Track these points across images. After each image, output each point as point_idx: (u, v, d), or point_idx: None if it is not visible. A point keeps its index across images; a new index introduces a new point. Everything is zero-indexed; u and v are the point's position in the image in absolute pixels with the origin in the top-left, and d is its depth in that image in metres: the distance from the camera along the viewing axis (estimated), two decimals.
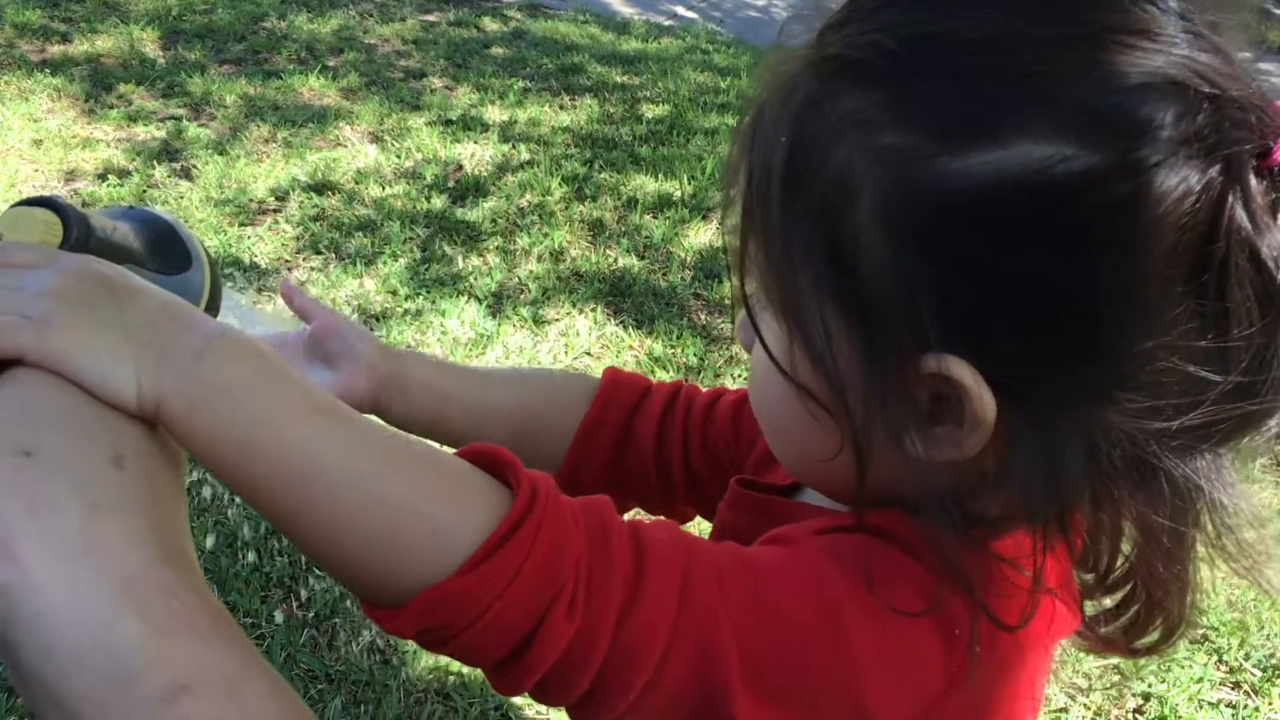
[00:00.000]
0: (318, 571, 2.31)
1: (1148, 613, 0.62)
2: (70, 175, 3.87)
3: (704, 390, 0.91)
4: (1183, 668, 2.29)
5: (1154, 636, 0.63)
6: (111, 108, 4.42)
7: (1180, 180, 0.48)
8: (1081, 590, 0.63)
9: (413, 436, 0.56)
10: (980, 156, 0.49)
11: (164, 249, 0.63)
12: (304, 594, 2.26)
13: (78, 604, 0.40)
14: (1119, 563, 0.60)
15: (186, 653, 0.41)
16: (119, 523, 0.43)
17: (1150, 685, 2.25)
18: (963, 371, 0.51)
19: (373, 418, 0.55)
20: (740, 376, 3.15)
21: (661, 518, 0.60)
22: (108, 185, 3.81)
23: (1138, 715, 2.23)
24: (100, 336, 0.48)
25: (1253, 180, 0.49)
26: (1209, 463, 0.54)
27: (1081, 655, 2.21)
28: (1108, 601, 0.63)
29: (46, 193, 0.52)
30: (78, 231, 0.56)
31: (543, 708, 2.06)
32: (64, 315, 0.47)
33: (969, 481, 0.56)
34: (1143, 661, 0.67)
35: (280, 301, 0.94)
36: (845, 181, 0.52)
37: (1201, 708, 2.23)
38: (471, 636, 0.49)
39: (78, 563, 0.40)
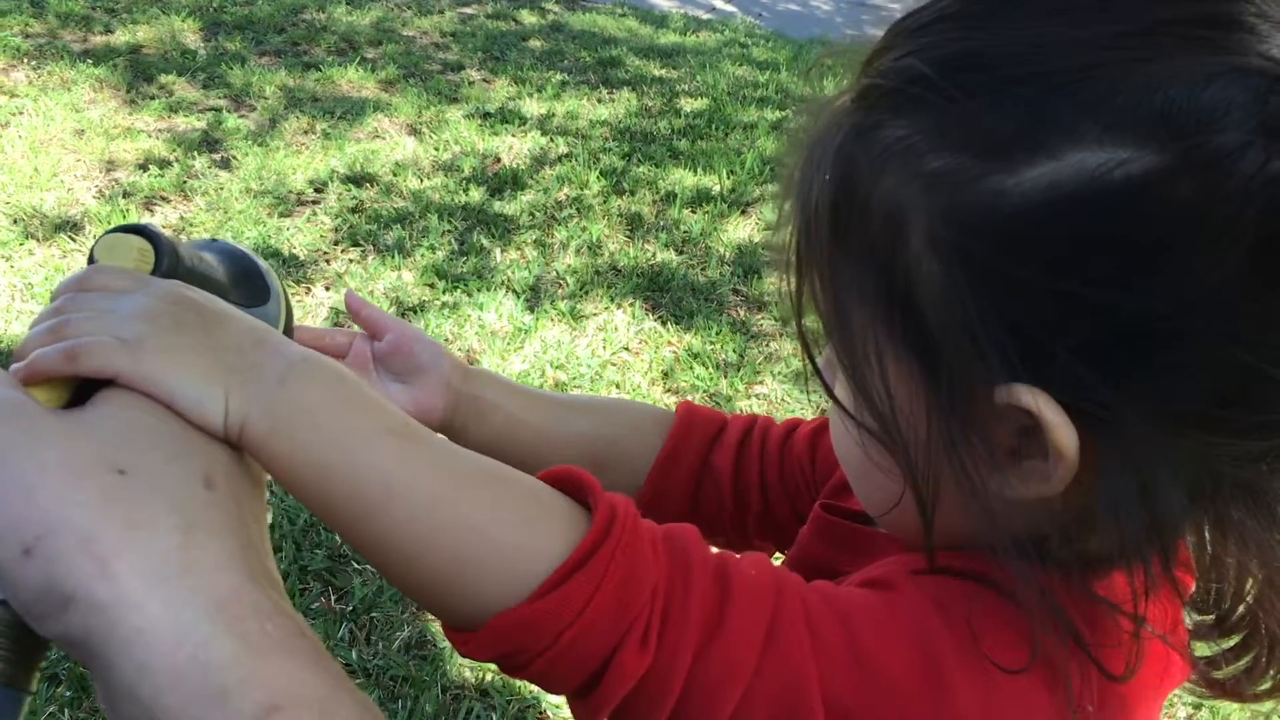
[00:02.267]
0: (356, 565, 2.30)
1: (1270, 655, 0.57)
2: (111, 165, 3.89)
3: (780, 422, 0.89)
4: None
5: (1276, 680, 0.58)
6: (152, 98, 4.44)
7: (1256, 171, 0.43)
8: (1195, 633, 0.59)
9: (489, 458, 0.53)
10: (1031, 171, 0.46)
11: (245, 281, 0.64)
12: (343, 588, 2.25)
13: (174, 622, 0.40)
14: (1239, 602, 0.56)
15: (279, 673, 0.41)
16: (212, 543, 0.44)
17: None
18: (1036, 401, 0.47)
19: (442, 437, 0.53)
20: (779, 373, 3.11)
21: (751, 552, 0.56)
22: (148, 175, 3.82)
23: None
24: (191, 360, 0.48)
25: None
26: None
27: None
28: (1226, 644, 0.58)
29: (135, 221, 0.53)
30: (168, 260, 0.57)
31: None
32: (156, 338, 0.48)
33: (1062, 520, 0.52)
34: (1269, 706, 0.62)
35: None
36: (894, 213, 0.49)
37: None
38: (545, 664, 0.49)
39: (174, 582, 0.41)
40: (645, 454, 0.87)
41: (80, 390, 0.49)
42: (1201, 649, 0.59)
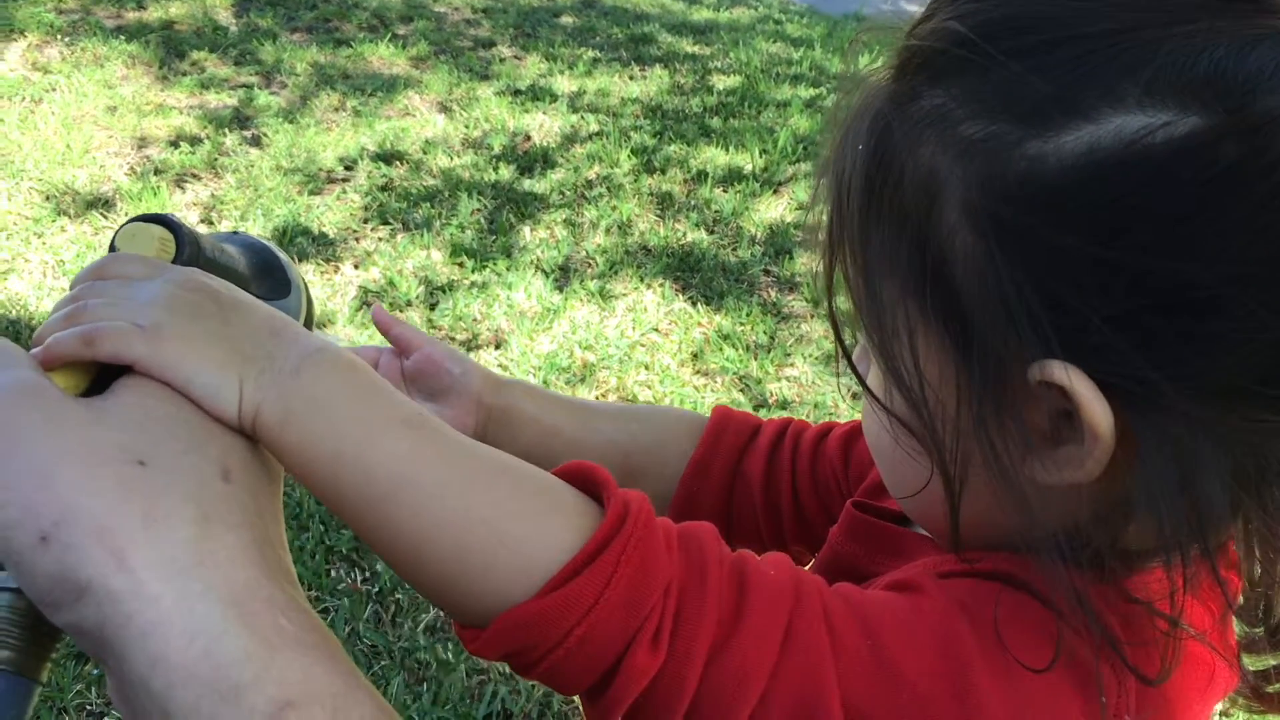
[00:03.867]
0: None
1: None
2: (143, 142, 3.90)
3: (814, 425, 0.87)
4: None
5: None
6: (184, 75, 4.44)
7: None
8: (1245, 646, 0.56)
9: (502, 452, 0.52)
10: (1070, 135, 0.44)
11: (267, 274, 0.64)
12: (369, 569, 2.25)
13: (189, 616, 0.40)
14: None
15: (293, 669, 0.41)
16: (229, 536, 0.43)
17: None
18: (1070, 377, 0.45)
19: (455, 431, 0.52)
20: (810, 355, 3.08)
21: (773, 553, 0.54)
22: (179, 152, 3.82)
23: None
24: (207, 348, 0.48)
25: None
26: None
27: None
28: (1277, 659, 0.55)
29: (163, 204, 0.54)
30: (189, 250, 0.57)
31: None
32: (174, 325, 0.48)
33: (1097, 510, 0.49)
34: None
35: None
36: (928, 182, 0.48)
37: None
38: (555, 662, 0.47)
39: (190, 575, 0.41)
40: (678, 460, 0.86)
41: (98, 379, 0.48)
42: (1254, 663, 0.56)
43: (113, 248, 0.56)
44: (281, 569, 0.45)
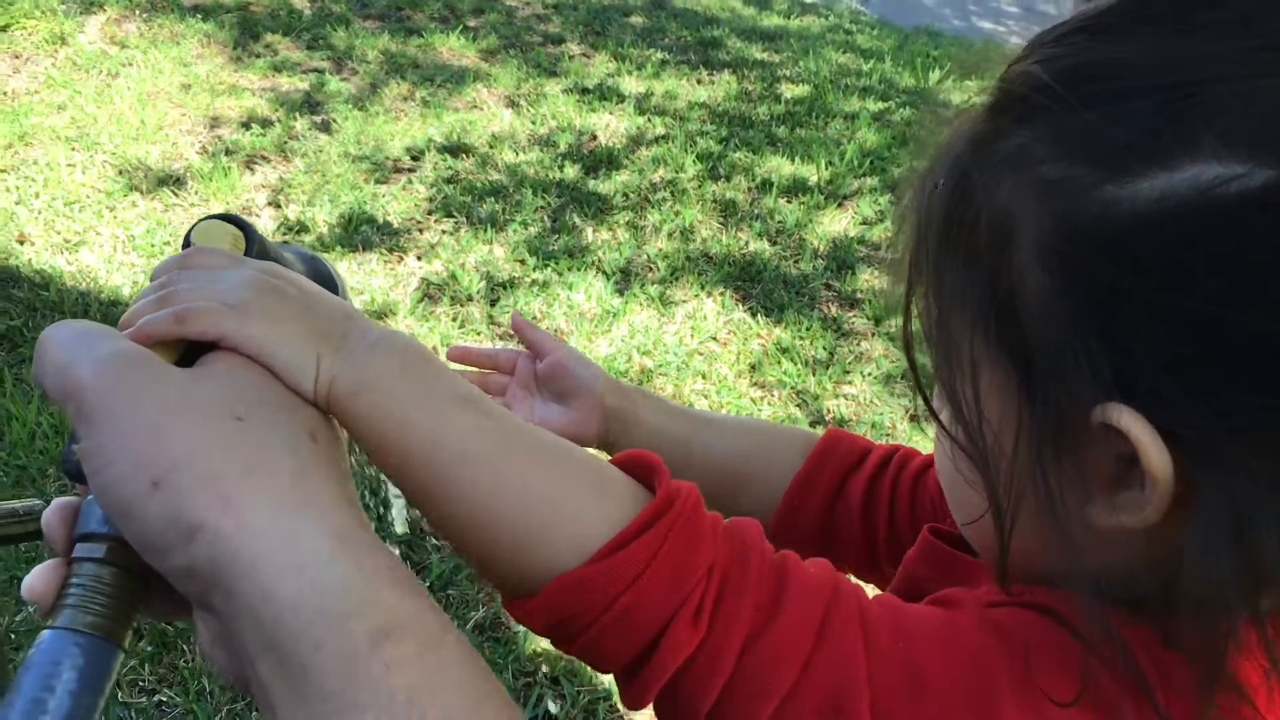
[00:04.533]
0: (435, 541, 2.30)
1: None
2: (215, 121, 3.94)
3: (922, 455, 0.88)
4: None
5: None
6: (258, 56, 4.48)
7: None
8: None
9: (560, 436, 0.55)
10: (1145, 182, 0.44)
11: (319, 283, 0.65)
12: (420, 563, 2.25)
13: (297, 549, 0.42)
14: None
15: (393, 601, 0.43)
16: (325, 486, 0.46)
17: None
18: (1132, 423, 0.45)
19: (513, 414, 0.56)
20: (869, 374, 3.05)
21: (816, 558, 0.56)
22: (250, 134, 3.86)
23: None
24: (289, 326, 0.51)
25: None
26: None
27: None
28: None
29: (227, 210, 0.57)
30: (258, 247, 0.60)
31: None
32: (259, 304, 0.51)
33: (1147, 557, 0.49)
34: None
35: None
36: (1004, 220, 0.49)
37: None
38: (598, 631, 0.50)
39: (295, 513, 0.44)
40: (785, 475, 0.87)
41: (184, 359, 0.51)
42: None
43: (187, 243, 0.59)
44: (367, 523, 0.48)
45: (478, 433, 0.51)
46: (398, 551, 2.27)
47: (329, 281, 0.67)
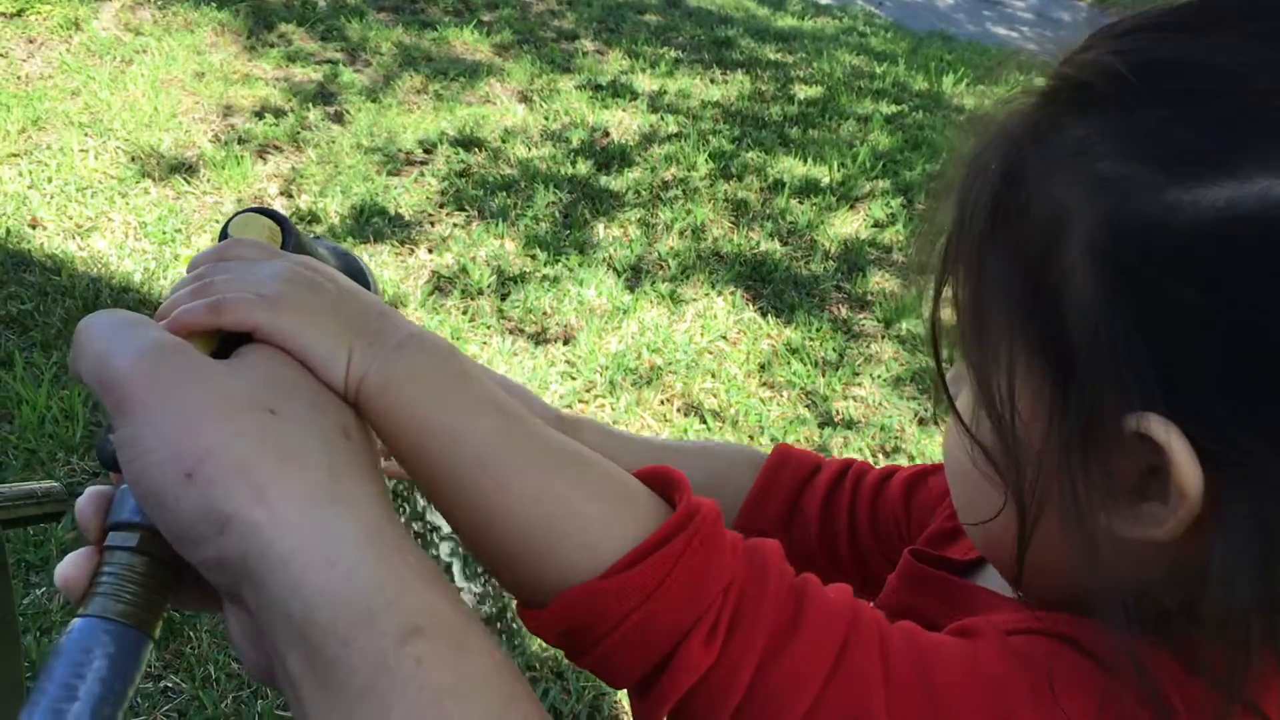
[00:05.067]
0: (442, 535, 2.30)
1: None
2: (228, 110, 3.94)
3: (877, 468, 0.86)
4: None
5: None
6: (272, 46, 4.48)
7: None
8: None
9: (581, 445, 0.54)
10: (1211, 190, 0.42)
11: (351, 277, 0.65)
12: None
13: (329, 544, 0.42)
14: None
15: (422, 600, 0.42)
16: (357, 482, 0.46)
17: None
18: (1166, 434, 0.44)
19: (539, 421, 0.54)
20: (879, 376, 3.04)
21: (837, 583, 0.54)
22: (263, 124, 3.86)
23: None
24: (324, 319, 0.51)
25: None
26: None
27: None
28: None
29: (262, 204, 0.58)
30: (294, 240, 0.61)
31: None
32: (294, 296, 0.51)
33: (1170, 572, 0.47)
34: None
35: None
36: (1058, 214, 0.47)
37: None
38: (610, 646, 0.49)
39: (327, 509, 0.43)
40: (735, 496, 0.85)
41: (219, 350, 0.51)
42: None
43: (224, 235, 0.59)
44: (399, 521, 0.48)
45: (499, 436, 0.50)
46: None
47: (361, 277, 0.67)
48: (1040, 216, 0.48)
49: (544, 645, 2.08)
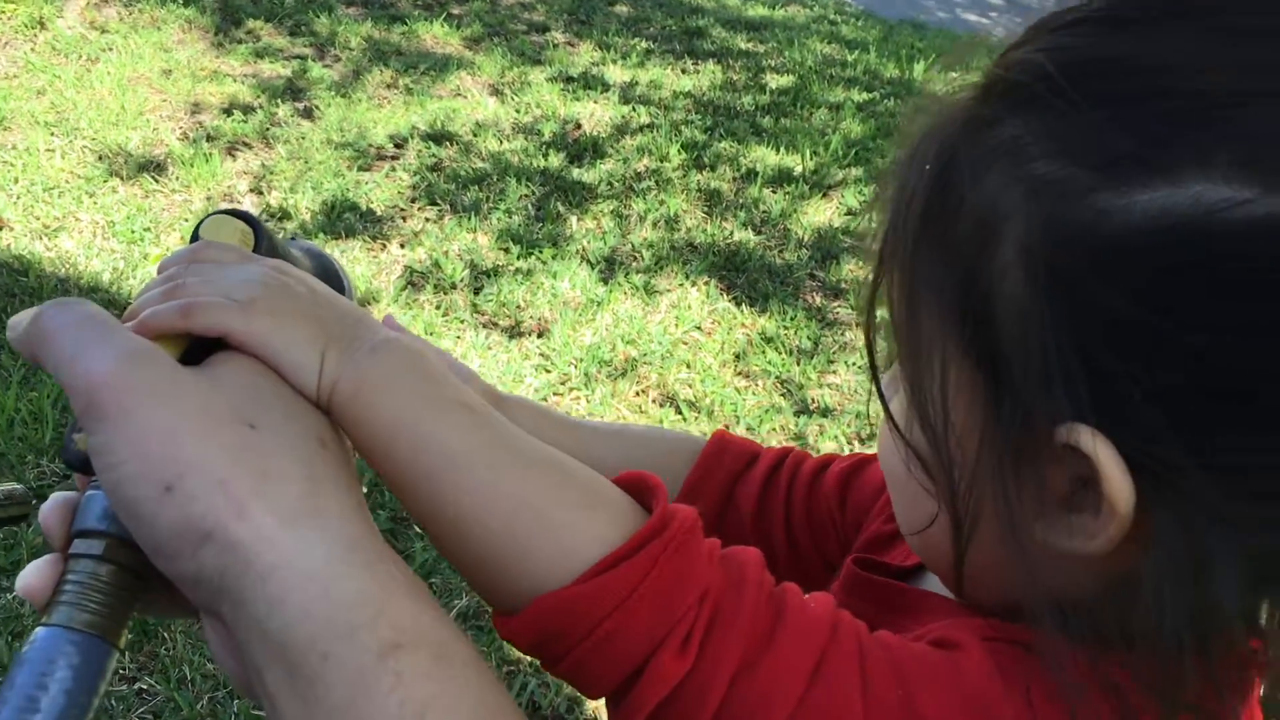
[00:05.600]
0: (418, 530, 2.29)
1: None
2: (196, 107, 3.91)
3: (814, 456, 0.84)
4: None
5: None
6: (240, 42, 4.45)
7: None
8: None
9: (555, 449, 0.53)
10: (1144, 194, 0.41)
11: (324, 279, 0.65)
12: (404, 551, 2.24)
13: (309, 559, 0.42)
14: None
15: (404, 613, 0.42)
16: (336, 494, 0.45)
17: None
18: (1096, 446, 0.43)
19: (511, 423, 0.53)
20: (854, 363, 3.05)
21: (818, 592, 0.54)
22: (232, 120, 3.83)
23: None
24: (296, 325, 0.50)
25: None
26: None
27: None
28: None
29: (232, 201, 0.56)
30: (267, 243, 0.60)
31: None
32: (267, 300, 0.50)
33: (1098, 585, 0.47)
34: None
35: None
36: (989, 216, 0.46)
37: None
38: (582, 655, 0.47)
39: (307, 523, 0.43)
40: (673, 485, 0.82)
41: (187, 353, 0.50)
42: None
43: (195, 237, 0.58)
44: (378, 532, 0.47)
45: (471, 440, 0.49)
46: None
47: (335, 278, 0.66)
48: (972, 217, 0.47)
49: None
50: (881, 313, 0.54)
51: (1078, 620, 0.46)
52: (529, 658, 2.02)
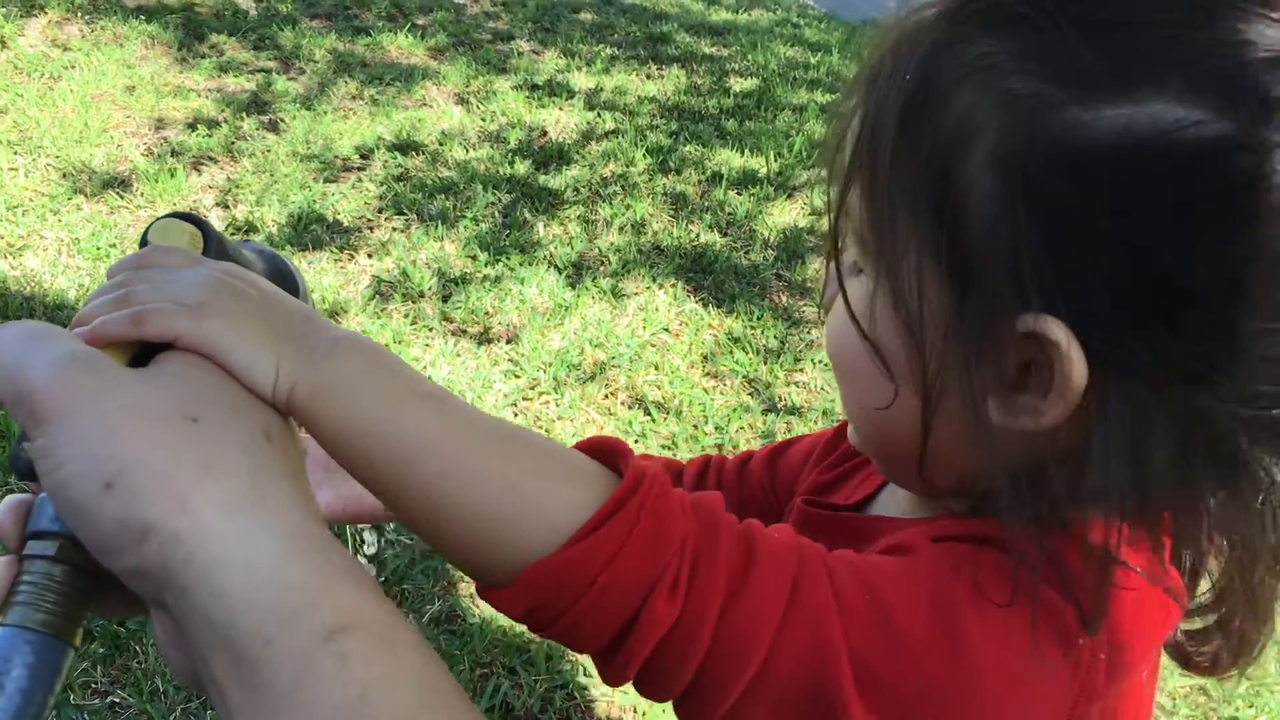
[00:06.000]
0: (390, 536, 2.30)
1: (1232, 649, 0.60)
2: (160, 123, 3.90)
3: (732, 456, 0.90)
4: (1272, 692, 2.20)
5: (1240, 671, 0.61)
6: (203, 57, 4.44)
7: None
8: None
9: (517, 425, 0.57)
10: (1110, 110, 0.47)
11: (279, 281, 0.66)
12: (373, 558, 2.25)
13: (250, 550, 0.42)
14: (1216, 579, 0.58)
15: (345, 597, 0.43)
16: (280, 485, 0.46)
17: (1238, 710, 2.16)
18: (1059, 333, 0.49)
19: (474, 407, 0.55)
20: (821, 361, 3.08)
21: (777, 524, 0.58)
22: (197, 135, 3.83)
23: None
24: (247, 327, 0.51)
25: None
26: None
27: (1165, 676, 2.13)
28: (1192, 626, 0.61)
29: (198, 215, 0.56)
30: (216, 245, 0.60)
31: (608, 687, 2.04)
32: (217, 304, 0.51)
33: (1042, 458, 0.53)
34: (1230, 684, 0.64)
35: None
36: (964, 125, 0.50)
37: None
38: (577, 615, 0.50)
39: (248, 515, 0.44)
40: None
41: (137, 358, 0.51)
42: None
43: (144, 242, 0.58)
44: (320, 521, 0.48)
45: (438, 426, 0.51)
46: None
47: (289, 278, 0.66)
48: (948, 126, 0.51)
49: (494, 641, 2.09)
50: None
51: (1034, 488, 0.52)
52: (501, 660, 2.04)
